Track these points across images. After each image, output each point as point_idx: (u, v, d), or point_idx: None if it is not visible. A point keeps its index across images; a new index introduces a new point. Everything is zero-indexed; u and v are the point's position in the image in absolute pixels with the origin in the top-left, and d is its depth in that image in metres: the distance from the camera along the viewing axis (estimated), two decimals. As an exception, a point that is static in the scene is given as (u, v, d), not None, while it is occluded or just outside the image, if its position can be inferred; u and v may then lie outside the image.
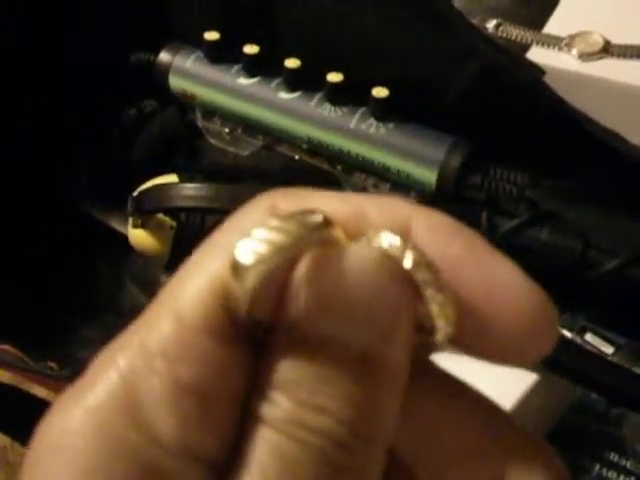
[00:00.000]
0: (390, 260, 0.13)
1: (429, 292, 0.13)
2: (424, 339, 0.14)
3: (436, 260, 0.13)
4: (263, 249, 0.13)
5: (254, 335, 0.14)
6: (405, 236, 0.13)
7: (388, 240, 0.13)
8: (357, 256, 0.13)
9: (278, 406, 0.13)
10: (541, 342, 0.14)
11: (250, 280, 0.13)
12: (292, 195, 0.14)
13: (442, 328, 0.14)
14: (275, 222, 0.13)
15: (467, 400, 0.15)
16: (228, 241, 0.14)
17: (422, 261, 0.13)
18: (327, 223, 0.13)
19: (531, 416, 0.33)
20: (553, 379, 0.33)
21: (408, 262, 0.13)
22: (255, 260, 0.13)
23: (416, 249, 0.13)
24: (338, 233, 0.13)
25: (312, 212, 0.13)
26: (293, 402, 0.13)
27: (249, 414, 0.13)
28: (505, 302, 0.14)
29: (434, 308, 0.13)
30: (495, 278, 0.14)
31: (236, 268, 0.13)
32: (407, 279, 0.13)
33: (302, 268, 0.13)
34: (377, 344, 0.13)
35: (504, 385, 0.33)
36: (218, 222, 0.42)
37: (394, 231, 0.13)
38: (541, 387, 0.33)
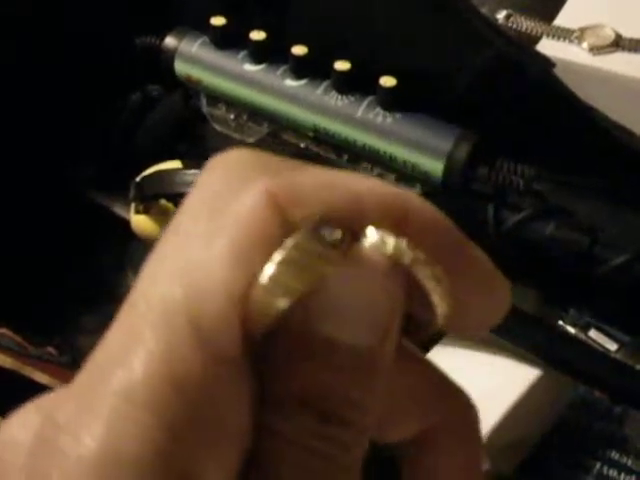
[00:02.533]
0: (388, 260, 0.14)
1: (430, 284, 0.14)
2: (413, 327, 0.15)
3: (430, 250, 0.14)
4: (291, 278, 0.13)
5: (256, 351, 0.13)
6: (400, 225, 0.14)
7: (383, 235, 0.14)
8: (363, 262, 0.13)
9: (292, 419, 0.13)
10: (499, 314, 0.16)
11: (280, 305, 0.13)
12: (287, 182, 0.13)
13: (442, 312, 0.14)
14: (296, 242, 0.13)
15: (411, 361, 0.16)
16: (237, 242, 0.13)
17: (420, 256, 0.14)
18: (344, 237, 0.13)
19: (532, 413, 0.33)
20: (555, 376, 0.33)
21: (407, 258, 0.14)
22: (285, 290, 0.13)
23: (412, 242, 0.14)
24: (348, 241, 0.13)
25: (327, 221, 0.13)
26: (306, 413, 0.13)
27: (262, 428, 0.13)
28: (481, 284, 0.15)
29: (435, 298, 0.14)
30: (474, 262, 0.15)
31: (266, 295, 0.13)
32: (402, 277, 0.14)
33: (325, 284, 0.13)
34: (376, 344, 0.13)
35: (506, 381, 0.33)
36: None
37: (390, 220, 0.14)
38: (543, 384, 0.33)
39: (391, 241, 0.13)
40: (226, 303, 0.12)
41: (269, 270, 0.13)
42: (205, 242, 0.13)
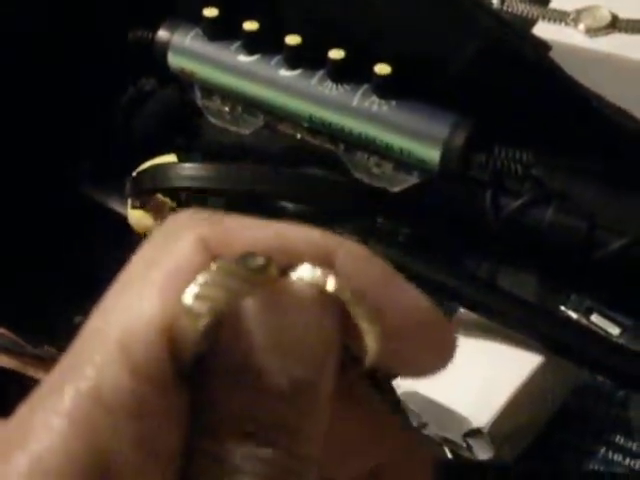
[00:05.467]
0: (321, 293, 0.14)
1: (362, 323, 0.14)
2: (347, 360, 0.15)
3: (360, 287, 0.14)
4: (214, 295, 0.13)
5: (186, 373, 0.14)
6: (330, 265, 0.14)
7: (313, 271, 0.14)
8: (292, 293, 0.14)
9: (225, 442, 0.13)
10: (442, 356, 0.16)
11: (203, 326, 0.13)
12: (217, 227, 0.14)
13: (371, 352, 0.14)
14: (219, 265, 0.14)
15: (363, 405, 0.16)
16: (166, 281, 0.14)
17: (351, 295, 0.14)
18: (268, 264, 0.14)
19: (536, 399, 0.33)
20: (558, 361, 0.33)
21: (340, 295, 0.14)
22: (208, 308, 0.13)
23: (342, 277, 0.14)
24: (273, 270, 0.14)
25: (252, 254, 0.14)
26: (241, 438, 0.13)
27: (196, 451, 0.13)
28: (414, 321, 0.15)
29: (366, 332, 0.14)
30: (406, 300, 0.15)
31: (189, 315, 0.13)
32: (337, 310, 0.14)
33: (248, 309, 0.14)
34: (313, 375, 0.14)
35: (508, 368, 0.33)
36: (217, 204, 0.41)
37: (320, 261, 0.14)
38: (546, 369, 0.33)
39: (323, 277, 0.14)
40: (153, 331, 0.13)
41: (191, 291, 0.13)
42: (140, 285, 0.14)
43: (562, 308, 0.37)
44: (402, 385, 0.34)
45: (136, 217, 0.40)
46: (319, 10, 0.37)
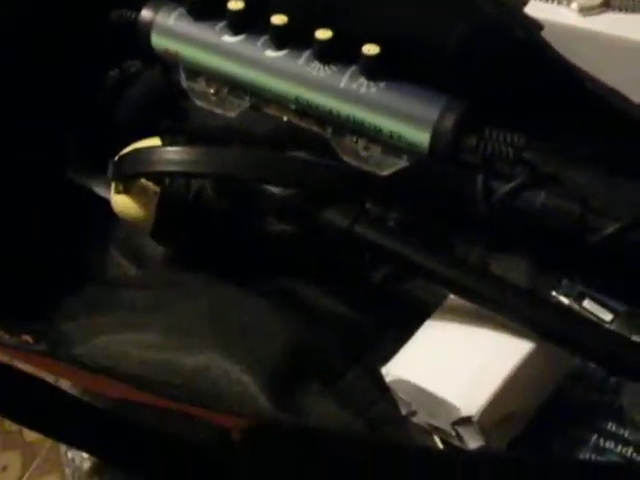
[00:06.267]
0: None
1: None
2: None
3: None
4: None
5: None
6: None
7: None
8: None
9: None
10: None
11: None
12: None
13: None
14: None
15: None
16: None
17: None
18: None
19: (527, 385, 0.32)
20: (549, 348, 0.32)
21: None
22: None
23: None
24: None
25: None
26: None
27: None
28: None
29: None
30: None
31: None
32: None
33: None
34: None
35: (498, 355, 0.32)
36: (202, 187, 0.40)
37: None
38: (537, 356, 0.32)
39: None
40: None
41: None
42: None
43: (553, 294, 0.36)
44: (391, 372, 0.34)
45: (120, 202, 0.39)
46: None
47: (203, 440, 0.34)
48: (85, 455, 0.45)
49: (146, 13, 0.40)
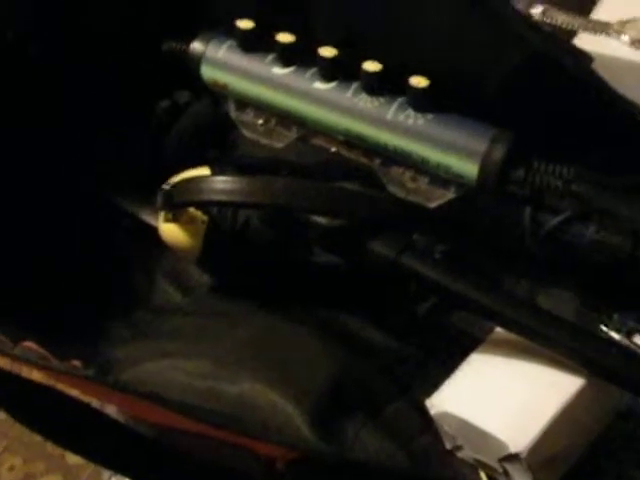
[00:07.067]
0: None
1: None
2: None
3: None
4: None
5: None
6: None
7: None
8: None
9: None
10: None
11: None
12: None
13: None
14: None
15: None
16: None
17: None
18: None
19: (577, 422, 0.32)
20: (600, 384, 0.32)
21: None
22: None
23: None
24: None
25: None
26: None
27: None
28: None
29: None
30: None
31: None
32: None
33: None
34: None
35: (548, 390, 0.32)
36: (250, 217, 0.40)
37: None
38: (587, 393, 0.31)
39: None
40: None
41: None
42: None
43: (603, 329, 0.36)
44: (435, 405, 0.33)
45: (168, 231, 0.39)
46: (354, 22, 0.37)
47: (247, 469, 0.34)
48: (128, 481, 0.45)
49: (197, 45, 0.41)
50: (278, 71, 0.38)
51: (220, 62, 0.40)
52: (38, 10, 0.41)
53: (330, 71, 0.37)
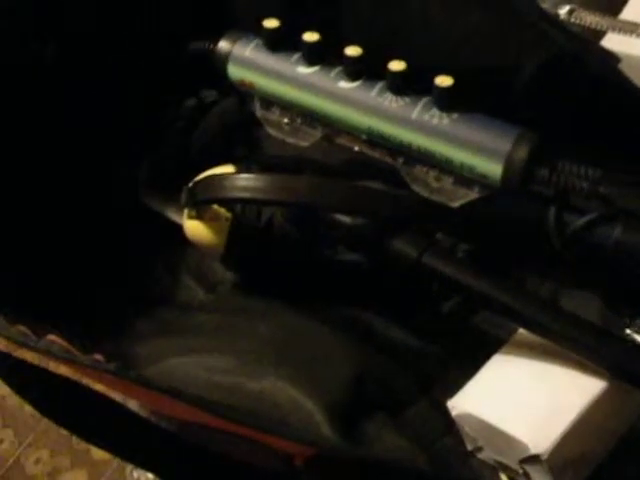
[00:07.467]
0: None
1: None
2: None
3: None
4: None
5: None
6: None
7: None
8: None
9: None
10: None
11: None
12: None
13: None
14: None
15: None
16: None
17: None
18: None
19: (599, 425, 0.32)
20: (623, 386, 0.31)
21: None
22: None
23: None
24: None
25: None
26: None
27: None
28: None
29: None
30: None
31: None
32: None
33: None
34: None
35: (570, 392, 0.31)
36: (274, 215, 0.41)
37: None
38: (610, 395, 0.31)
39: None
40: None
41: None
42: None
43: (628, 331, 0.35)
44: (457, 406, 0.33)
45: (192, 228, 0.40)
46: (380, 21, 0.37)
47: (266, 466, 0.34)
48: (150, 476, 0.45)
49: (223, 44, 0.41)
50: (303, 70, 0.38)
51: (246, 61, 0.40)
52: (67, 11, 0.42)
53: (355, 70, 0.37)
